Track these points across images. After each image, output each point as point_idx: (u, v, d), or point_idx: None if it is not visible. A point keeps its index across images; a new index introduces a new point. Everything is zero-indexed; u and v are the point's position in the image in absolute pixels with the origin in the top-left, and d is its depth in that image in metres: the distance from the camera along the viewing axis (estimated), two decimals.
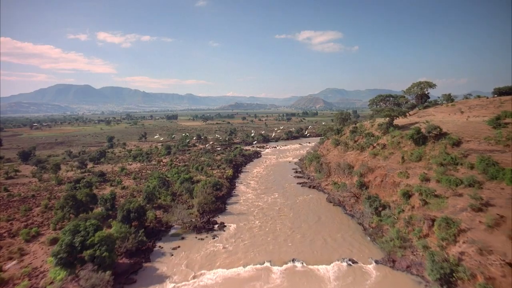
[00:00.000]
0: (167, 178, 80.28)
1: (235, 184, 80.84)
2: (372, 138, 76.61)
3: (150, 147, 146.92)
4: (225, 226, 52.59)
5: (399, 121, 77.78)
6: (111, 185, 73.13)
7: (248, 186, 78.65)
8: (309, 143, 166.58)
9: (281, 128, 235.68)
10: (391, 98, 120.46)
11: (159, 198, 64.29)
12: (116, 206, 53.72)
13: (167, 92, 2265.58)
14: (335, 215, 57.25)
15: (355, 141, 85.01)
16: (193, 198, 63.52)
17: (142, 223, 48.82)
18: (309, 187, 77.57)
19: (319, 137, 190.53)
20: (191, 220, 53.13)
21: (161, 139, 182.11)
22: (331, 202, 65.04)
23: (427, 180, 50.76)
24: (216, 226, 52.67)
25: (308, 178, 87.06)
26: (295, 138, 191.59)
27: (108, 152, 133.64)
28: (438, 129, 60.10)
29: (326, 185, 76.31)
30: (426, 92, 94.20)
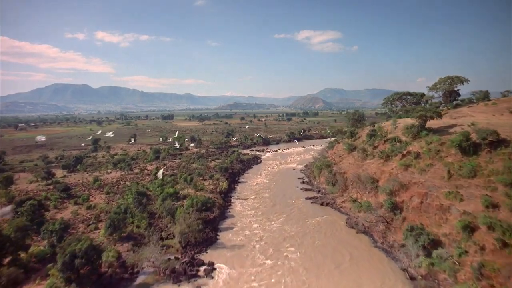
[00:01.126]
0: (147, 192, 66.05)
1: (230, 200, 66.42)
2: (398, 144, 62.41)
3: (138, 150, 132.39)
4: (215, 268, 38.23)
5: (431, 123, 63.51)
6: (75, 203, 58.56)
7: (246, 204, 64.23)
8: (314, 145, 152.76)
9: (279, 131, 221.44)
10: (409, 97, 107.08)
11: (132, 222, 49.91)
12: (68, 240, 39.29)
13: (166, 92, 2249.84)
14: (365, 249, 42.88)
15: (375, 147, 70.88)
16: (175, 223, 49.12)
17: (95, 269, 34.34)
18: (322, 204, 63.28)
19: (324, 139, 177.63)
20: (169, 260, 38.80)
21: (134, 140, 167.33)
22: (353, 227, 50.73)
23: (495, 206, 36.51)
24: (202, 269, 38.24)
25: (319, 191, 72.78)
26: (298, 140, 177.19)
27: (90, 157, 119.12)
28: (495, 134, 45.94)
29: (343, 202, 62.04)
30: (456, 89, 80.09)
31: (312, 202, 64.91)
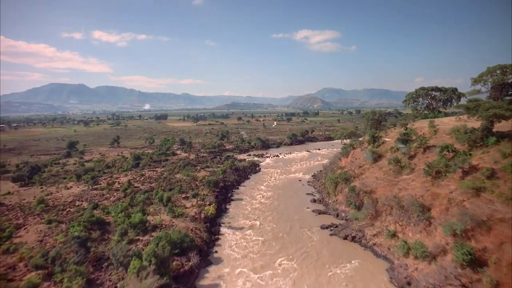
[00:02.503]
0: (107, 220, 48.34)
1: (218, 231, 48.41)
2: (452, 155, 44.75)
3: (117, 155, 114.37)
4: None
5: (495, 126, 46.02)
6: None
7: (240, 238, 46.26)
8: (319, 149, 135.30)
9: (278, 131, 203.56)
10: (436, 93, 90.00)
11: (61, 281, 32.04)
12: None
13: (164, 92, 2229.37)
14: None
15: (411, 157, 53.32)
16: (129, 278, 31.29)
17: None
18: (345, 238, 45.50)
19: (330, 141, 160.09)
20: None
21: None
22: (402, 287, 33.02)
23: None
24: None
25: (337, 215, 55.12)
26: (300, 142, 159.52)
27: (58, 164, 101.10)
28: None
29: (375, 235, 44.33)
30: (510, 81, 62.61)
31: (331, 234, 47.26)
